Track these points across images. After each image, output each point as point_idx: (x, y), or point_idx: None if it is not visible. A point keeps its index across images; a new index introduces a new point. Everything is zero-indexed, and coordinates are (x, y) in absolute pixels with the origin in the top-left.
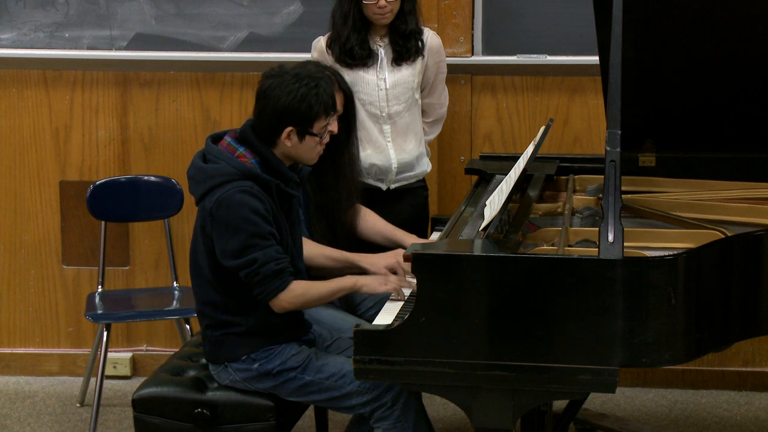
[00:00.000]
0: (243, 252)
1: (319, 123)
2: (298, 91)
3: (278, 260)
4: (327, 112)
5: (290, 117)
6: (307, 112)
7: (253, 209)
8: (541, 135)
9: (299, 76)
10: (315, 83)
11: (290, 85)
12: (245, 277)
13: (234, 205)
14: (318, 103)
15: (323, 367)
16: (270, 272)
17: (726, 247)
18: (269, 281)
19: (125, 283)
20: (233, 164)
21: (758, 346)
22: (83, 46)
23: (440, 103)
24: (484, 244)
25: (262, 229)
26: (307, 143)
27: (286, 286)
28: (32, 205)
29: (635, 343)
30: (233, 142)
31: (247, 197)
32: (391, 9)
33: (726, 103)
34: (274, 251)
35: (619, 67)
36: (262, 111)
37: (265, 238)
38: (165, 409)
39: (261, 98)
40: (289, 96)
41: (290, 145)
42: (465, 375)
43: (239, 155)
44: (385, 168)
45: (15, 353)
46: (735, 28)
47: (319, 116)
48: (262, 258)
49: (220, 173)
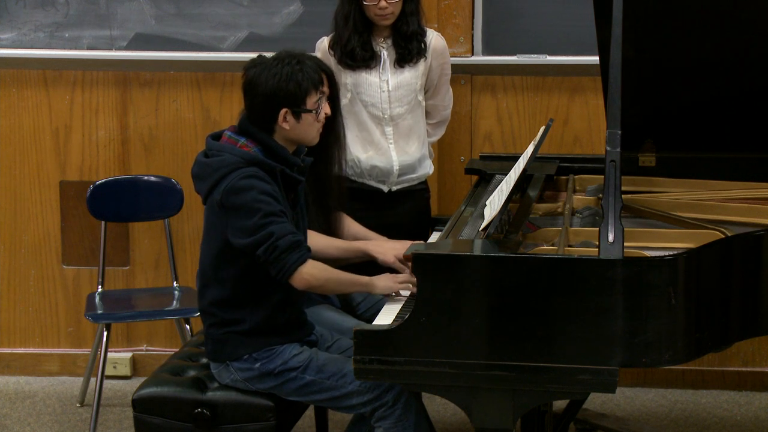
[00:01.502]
0: (258, 229)
1: (311, 98)
2: (283, 71)
3: (294, 233)
4: (316, 86)
5: (281, 98)
6: (297, 90)
7: (262, 190)
8: (541, 135)
9: (280, 58)
10: (297, 60)
11: (274, 68)
12: (263, 253)
13: (243, 189)
14: (306, 79)
15: (324, 367)
16: (289, 243)
17: (726, 247)
18: (289, 254)
19: (125, 283)
20: (236, 153)
21: (758, 346)
22: (83, 46)
23: (444, 104)
24: (484, 244)
25: (274, 208)
26: (305, 121)
27: (306, 259)
28: (32, 205)
29: (635, 343)
30: (233, 135)
31: (254, 180)
32: (392, 11)
33: (726, 103)
34: (289, 226)
35: (619, 67)
36: (253, 100)
37: (278, 215)
38: (165, 409)
39: (249, 89)
40: (275, 78)
41: (288, 128)
42: (465, 375)
43: (241, 145)
44: (387, 170)
45: (15, 353)
46: (735, 28)
47: (309, 92)
48: (279, 231)
49: (224, 164)
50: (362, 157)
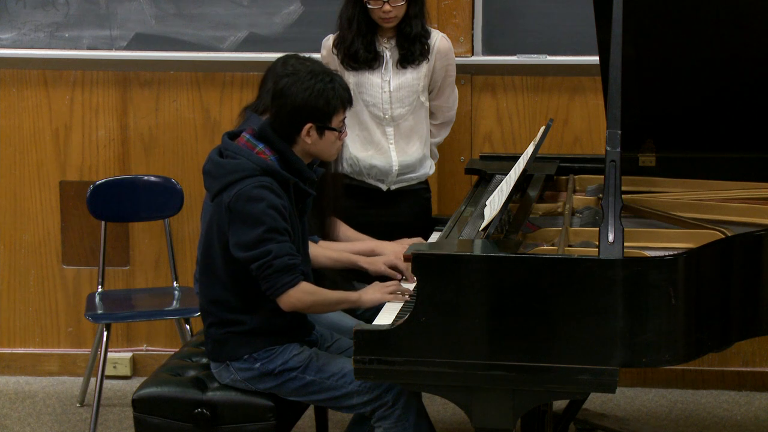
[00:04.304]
0: (258, 244)
1: (338, 117)
2: (315, 87)
3: (292, 255)
4: (344, 105)
5: (309, 113)
6: (325, 107)
7: (272, 204)
8: (541, 135)
9: (314, 72)
10: (330, 78)
11: (306, 82)
12: (257, 269)
13: (253, 199)
14: (335, 98)
15: (324, 367)
16: (283, 266)
17: (726, 247)
18: (281, 275)
19: (125, 283)
20: (253, 160)
21: (758, 346)
22: (83, 46)
23: (448, 106)
24: (484, 244)
25: (278, 224)
26: (327, 138)
27: (296, 283)
28: (32, 205)
29: (635, 343)
30: (252, 138)
31: (266, 192)
32: (396, 14)
33: (726, 103)
34: (289, 247)
35: (619, 67)
36: (280, 109)
37: (281, 233)
38: (165, 409)
39: (278, 97)
40: (306, 92)
41: (310, 142)
42: (465, 375)
43: (259, 152)
44: (386, 170)
45: (15, 353)
46: (735, 28)
47: (337, 110)
48: (277, 251)
49: (239, 169)
50: (361, 156)
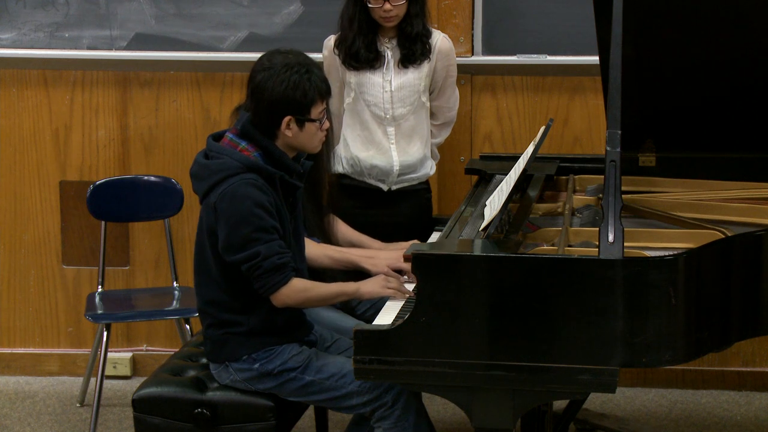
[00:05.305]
0: (245, 246)
1: (316, 108)
2: (290, 79)
3: (281, 254)
4: (322, 96)
5: (287, 106)
6: (303, 99)
7: (257, 202)
8: (541, 135)
9: (289, 65)
10: (306, 69)
11: (282, 75)
12: (247, 270)
13: (238, 198)
14: (312, 89)
15: (324, 367)
16: (272, 266)
17: (726, 247)
18: (271, 275)
19: (125, 283)
20: (236, 158)
21: (758, 346)
22: (83, 46)
23: (449, 106)
24: (484, 244)
25: (265, 223)
26: (308, 130)
27: (287, 281)
28: (32, 205)
29: (635, 343)
30: (235, 137)
31: (251, 189)
32: (396, 13)
33: (726, 103)
34: (277, 245)
35: (619, 67)
36: (259, 105)
37: (269, 232)
38: (165, 409)
39: (255, 93)
40: (282, 85)
41: (291, 135)
42: (465, 375)
43: (242, 149)
44: (387, 170)
45: (15, 353)
46: (735, 28)
47: (315, 102)
48: (265, 251)
49: (223, 168)
50: (362, 156)
